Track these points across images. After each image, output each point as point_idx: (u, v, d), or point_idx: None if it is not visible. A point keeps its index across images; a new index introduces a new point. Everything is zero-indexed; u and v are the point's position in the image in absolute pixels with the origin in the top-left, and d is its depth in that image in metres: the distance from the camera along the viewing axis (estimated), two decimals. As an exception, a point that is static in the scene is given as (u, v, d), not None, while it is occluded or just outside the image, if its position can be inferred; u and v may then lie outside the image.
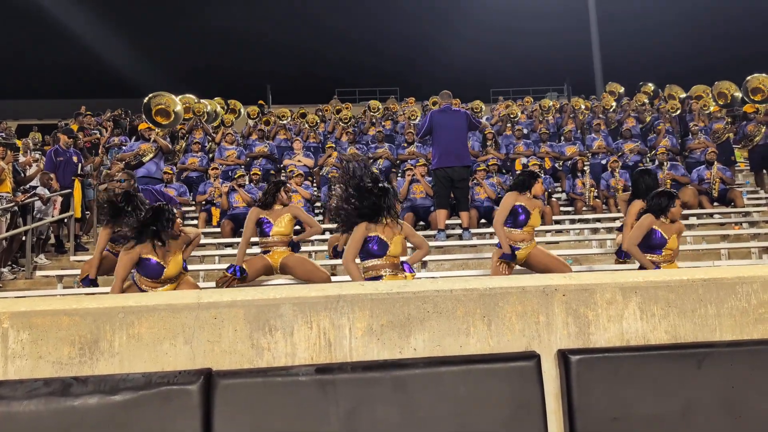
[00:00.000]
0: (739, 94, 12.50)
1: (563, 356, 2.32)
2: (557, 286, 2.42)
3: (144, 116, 9.97)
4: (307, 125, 13.71)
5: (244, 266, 5.64)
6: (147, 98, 9.90)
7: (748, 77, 11.25)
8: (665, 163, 9.92)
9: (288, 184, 6.19)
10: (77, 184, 9.30)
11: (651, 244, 5.23)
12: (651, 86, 16.14)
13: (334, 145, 11.99)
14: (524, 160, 10.89)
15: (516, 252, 5.60)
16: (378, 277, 4.43)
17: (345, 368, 2.24)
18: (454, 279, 2.69)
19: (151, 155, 9.28)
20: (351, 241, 4.47)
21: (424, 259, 7.22)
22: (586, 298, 2.43)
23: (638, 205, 5.80)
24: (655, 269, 5.14)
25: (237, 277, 5.58)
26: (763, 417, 2.29)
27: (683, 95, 14.51)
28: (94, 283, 5.88)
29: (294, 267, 5.81)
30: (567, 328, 2.40)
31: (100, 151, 11.76)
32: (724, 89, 12.84)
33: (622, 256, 6.08)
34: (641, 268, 5.23)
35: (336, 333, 2.34)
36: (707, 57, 27.50)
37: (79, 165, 9.51)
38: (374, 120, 14.14)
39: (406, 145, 11.95)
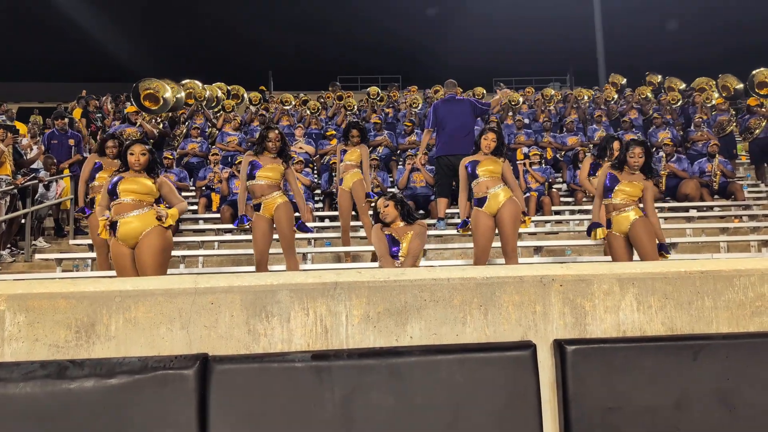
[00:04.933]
0: (741, 87, 12.46)
1: (559, 346, 2.33)
2: (554, 277, 2.42)
3: (132, 100, 9.96)
4: (308, 112, 13.68)
5: (248, 214, 5.86)
6: (136, 83, 9.89)
7: (754, 71, 11.17)
8: (672, 155, 9.89)
9: (277, 129, 6.00)
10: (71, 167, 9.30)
11: (604, 188, 5.36)
12: (658, 77, 16.07)
13: (335, 132, 11.97)
14: (525, 149, 10.87)
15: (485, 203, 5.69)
16: None
17: (341, 355, 2.25)
18: (451, 268, 2.69)
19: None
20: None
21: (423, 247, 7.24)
22: (583, 288, 2.42)
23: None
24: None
25: (245, 224, 5.79)
26: (757, 409, 2.30)
27: (682, 86, 14.47)
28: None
29: (280, 220, 5.70)
30: (563, 319, 2.40)
31: (98, 136, 11.73)
32: (728, 82, 12.80)
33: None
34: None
35: (333, 320, 2.34)
36: (711, 47, 27.33)
37: (74, 148, 9.47)
38: (375, 107, 14.10)
39: (404, 133, 11.93)
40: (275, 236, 5.85)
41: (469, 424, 2.21)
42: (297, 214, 5.90)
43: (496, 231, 5.75)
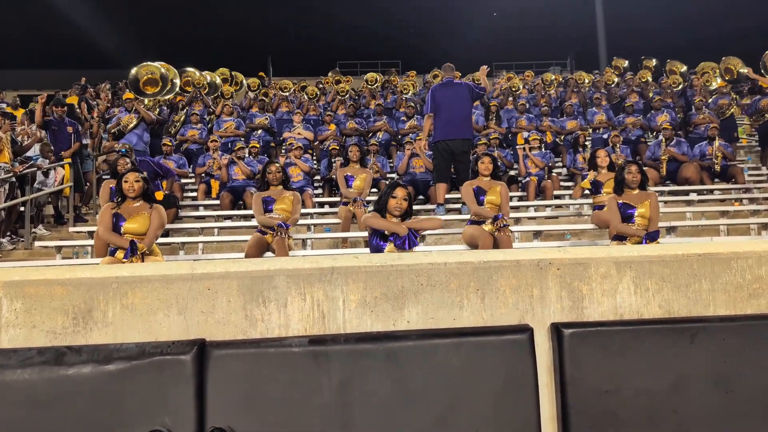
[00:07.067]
0: (745, 71, 12.38)
1: (556, 330, 2.33)
2: (552, 260, 2.41)
3: (130, 87, 9.95)
4: (306, 97, 13.63)
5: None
6: (133, 69, 9.87)
7: (767, 52, 11.08)
8: (672, 139, 9.86)
9: (276, 162, 6.44)
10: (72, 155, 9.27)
11: (624, 216, 5.77)
12: (654, 61, 15.99)
13: (333, 115, 11.94)
14: (525, 134, 10.84)
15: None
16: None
17: (338, 340, 2.25)
18: (448, 252, 2.69)
19: (132, 126, 9.28)
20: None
21: (425, 232, 7.29)
22: (580, 272, 2.42)
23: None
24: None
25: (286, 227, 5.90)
26: (754, 392, 2.30)
27: (683, 69, 14.39)
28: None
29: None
30: (561, 302, 2.40)
31: (96, 121, 11.67)
32: (731, 65, 12.72)
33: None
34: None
35: (330, 305, 2.34)
36: (712, 30, 27.11)
37: (73, 136, 9.45)
38: (374, 93, 14.04)
39: (405, 119, 11.89)
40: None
41: (466, 408, 2.21)
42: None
43: None
